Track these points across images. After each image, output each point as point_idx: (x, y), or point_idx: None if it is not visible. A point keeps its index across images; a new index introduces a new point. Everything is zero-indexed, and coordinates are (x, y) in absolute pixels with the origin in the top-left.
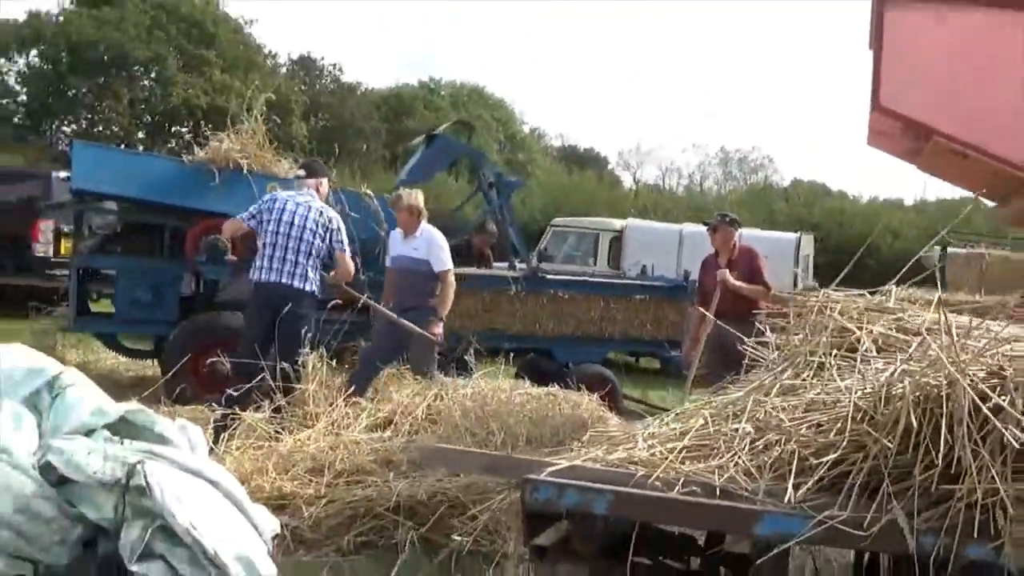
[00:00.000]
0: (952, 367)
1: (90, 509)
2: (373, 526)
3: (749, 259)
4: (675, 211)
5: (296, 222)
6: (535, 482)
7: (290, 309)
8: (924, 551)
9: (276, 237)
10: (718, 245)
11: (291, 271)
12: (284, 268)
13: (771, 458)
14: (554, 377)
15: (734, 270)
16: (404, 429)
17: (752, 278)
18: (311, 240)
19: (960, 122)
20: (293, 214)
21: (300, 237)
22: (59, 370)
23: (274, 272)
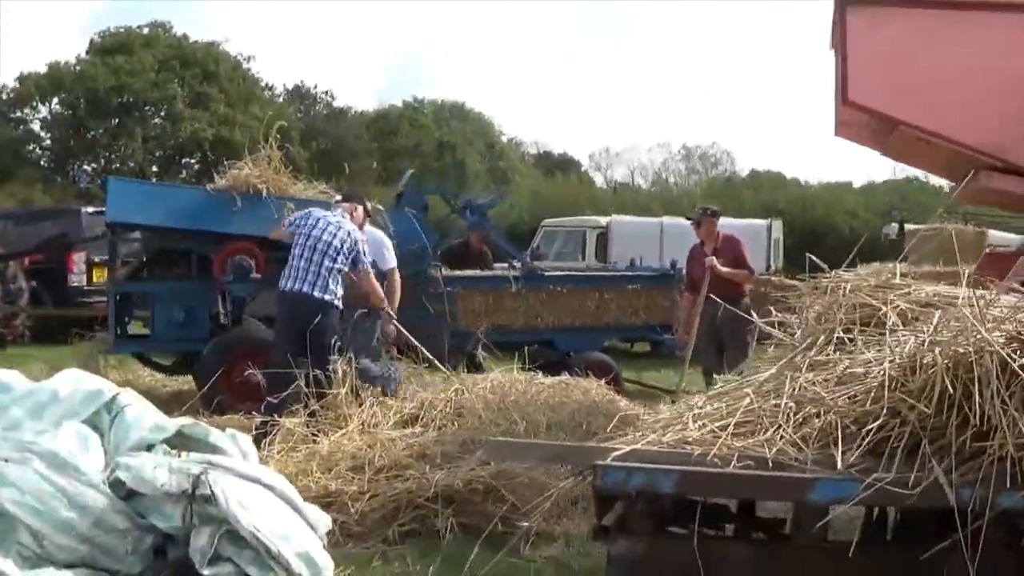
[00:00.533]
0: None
1: (159, 519)
2: (415, 516)
3: (733, 246)
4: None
5: (324, 237)
6: (604, 467)
7: (315, 320)
8: (963, 503)
9: (303, 249)
10: (703, 236)
11: (312, 281)
12: (307, 278)
13: (813, 429)
14: (557, 367)
15: (720, 257)
16: (434, 423)
17: (737, 263)
18: (335, 256)
19: (923, 112)
20: (323, 230)
21: (325, 252)
22: (116, 391)
23: (297, 281)
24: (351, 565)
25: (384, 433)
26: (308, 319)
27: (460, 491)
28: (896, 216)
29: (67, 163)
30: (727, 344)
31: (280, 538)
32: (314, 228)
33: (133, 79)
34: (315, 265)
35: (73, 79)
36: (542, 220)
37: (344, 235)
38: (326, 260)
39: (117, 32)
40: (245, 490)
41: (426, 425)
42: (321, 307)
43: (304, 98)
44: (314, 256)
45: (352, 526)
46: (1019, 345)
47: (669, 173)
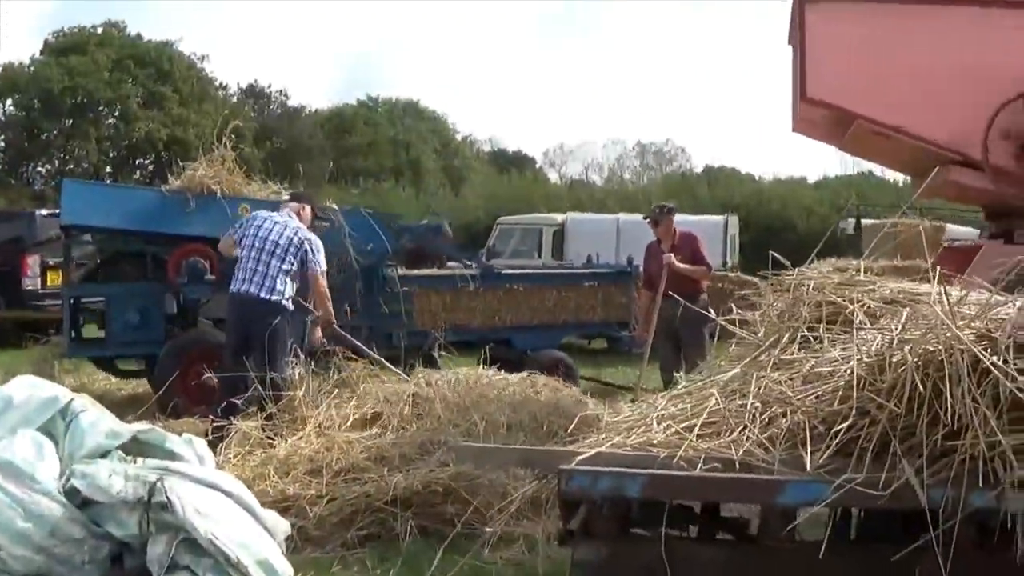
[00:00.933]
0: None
1: (115, 527)
2: (374, 519)
3: (690, 242)
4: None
5: (270, 238)
6: (569, 471)
7: (263, 322)
8: (934, 503)
9: (251, 251)
10: (660, 234)
11: (260, 282)
12: (254, 279)
13: (781, 430)
14: (515, 365)
15: (677, 254)
16: (392, 424)
17: (694, 260)
18: (282, 256)
19: (881, 107)
20: (269, 231)
21: (272, 252)
22: (70, 397)
23: (245, 283)
24: (310, 570)
25: (341, 436)
26: (258, 321)
27: (419, 493)
28: (852, 211)
29: (21, 165)
30: (684, 341)
31: (238, 545)
32: (260, 229)
33: (87, 79)
34: (263, 266)
35: (27, 80)
36: (497, 218)
37: (291, 234)
38: (274, 260)
39: (71, 32)
40: (202, 497)
41: (384, 426)
42: (270, 309)
43: (258, 97)
44: (262, 257)
45: (310, 530)
46: (989, 343)
47: (624, 170)
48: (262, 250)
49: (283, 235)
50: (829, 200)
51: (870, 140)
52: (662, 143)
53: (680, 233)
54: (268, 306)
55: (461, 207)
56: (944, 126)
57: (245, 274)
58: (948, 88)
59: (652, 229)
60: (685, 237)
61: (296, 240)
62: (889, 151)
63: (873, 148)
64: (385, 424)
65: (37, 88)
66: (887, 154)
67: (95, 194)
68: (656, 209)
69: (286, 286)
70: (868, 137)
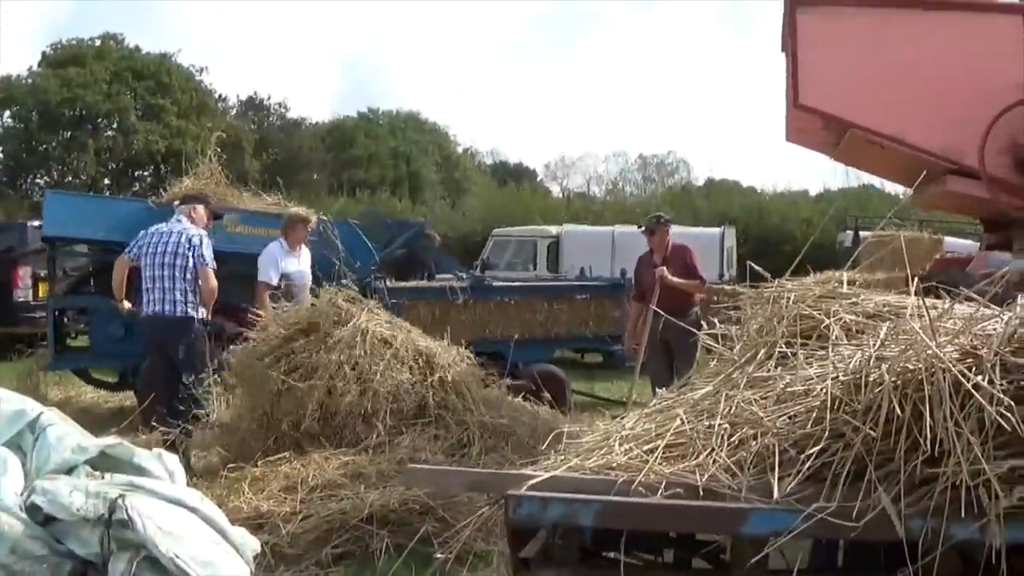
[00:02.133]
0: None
1: (77, 545)
2: (349, 537)
3: (682, 255)
4: (605, 215)
5: (162, 249)
6: (518, 497)
7: (178, 341)
8: (912, 536)
9: (150, 269)
10: (654, 245)
11: (162, 298)
12: (159, 297)
13: (750, 453)
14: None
15: (669, 266)
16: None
17: (687, 273)
18: (181, 264)
19: (876, 115)
20: (159, 243)
21: (170, 264)
22: (39, 410)
23: (153, 303)
24: None
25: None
26: (170, 341)
27: (396, 511)
28: (851, 224)
29: (19, 177)
30: (676, 356)
31: (202, 564)
32: (151, 245)
33: (85, 91)
34: (162, 281)
35: (25, 92)
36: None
37: (176, 239)
38: (166, 272)
39: (69, 44)
40: (167, 513)
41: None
42: (179, 325)
43: (258, 109)
44: (163, 273)
45: (284, 548)
46: (974, 361)
47: (625, 182)
48: (160, 265)
49: (170, 242)
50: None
51: (864, 149)
52: (664, 155)
53: (673, 245)
54: (177, 323)
55: (459, 219)
56: (940, 135)
57: (150, 295)
58: (944, 96)
59: (647, 239)
60: (677, 249)
61: (184, 242)
62: (884, 160)
63: (868, 157)
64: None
65: (35, 100)
66: (882, 164)
67: (78, 206)
68: (653, 219)
69: (188, 295)
70: (862, 146)
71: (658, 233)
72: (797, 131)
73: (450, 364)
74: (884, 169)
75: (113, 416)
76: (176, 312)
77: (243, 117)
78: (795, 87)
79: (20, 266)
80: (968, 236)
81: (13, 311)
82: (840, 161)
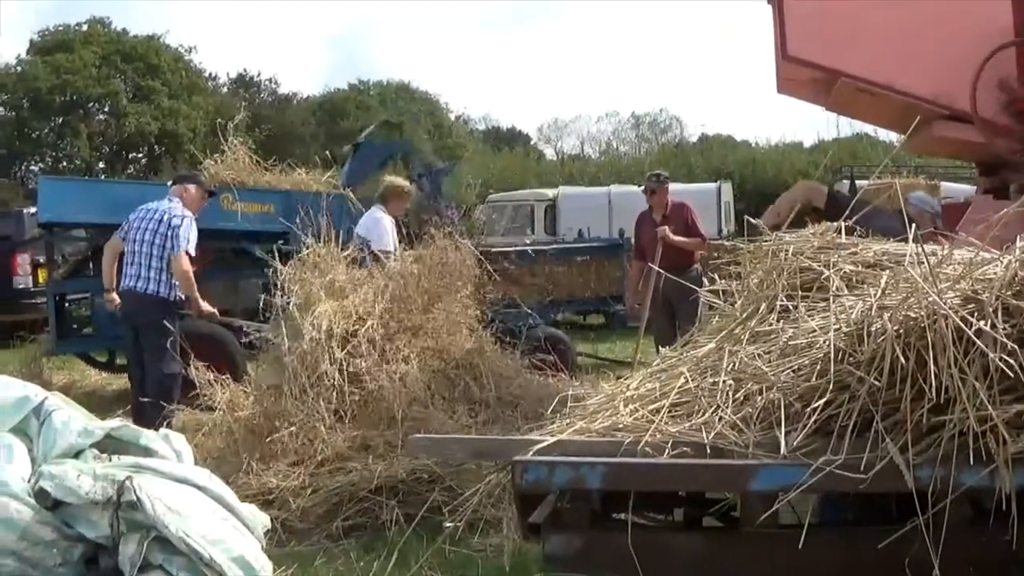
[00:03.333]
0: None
1: (87, 528)
2: (359, 509)
3: (682, 213)
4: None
5: (142, 227)
6: (524, 463)
7: (145, 319)
8: (921, 485)
9: (130, 245)
10: (655, 204)
11: (137, 274)
12: (135, 273)
13: (755, 409)
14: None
15: (669, 224)
16: None
17: (688, 231)
18: (159, 243)
19: (864, 63)
20: (142, 220)
21: (149, 241)
22: (44, 396)
23: (129, 279)
24: (294, 563)
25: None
26: (141, 316)
27: (404, 481)
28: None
29: (13, 164)
30: (679, 315)
31: (212, 542)
32: (136, 222)
33: (75, 76)
34: (140, 257)
35: (14, 80)
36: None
37: (159, 217)
38: (145, 249)
39: (56, 30)
40: (175, 493)
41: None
42: (153, 304)
43: (248, 86)
44: (141, 248)
45: (294, 523)
46: (976, 306)
47: (619, 142)
48: (141, 242)
49: (152, 219)
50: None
51: (855, 98)
52: (656, 113)
53: (672, 203)
54: (148, 300)
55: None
56: (930, 80)
57: (127, 269)
58: (932, 41)
59: (648, 198)
60: (677, 207)
61: (165, 220)
62: (875, 108)
63: (859, 106)
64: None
65: (25, 88)
66: (874, 112)
67: (73, 190)
68: (652, 178)
69: (162, 274)
70: (853, 95)
71: (659, 192)
72: (788, 82)
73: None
74: (876, 117)
75: (118, 398)
76: (147, 289)
77: (234, 94)
78: (783, 38)
79: (18, 253)
80: (964, 181)
81: (13, 298)
82: (832, 111)
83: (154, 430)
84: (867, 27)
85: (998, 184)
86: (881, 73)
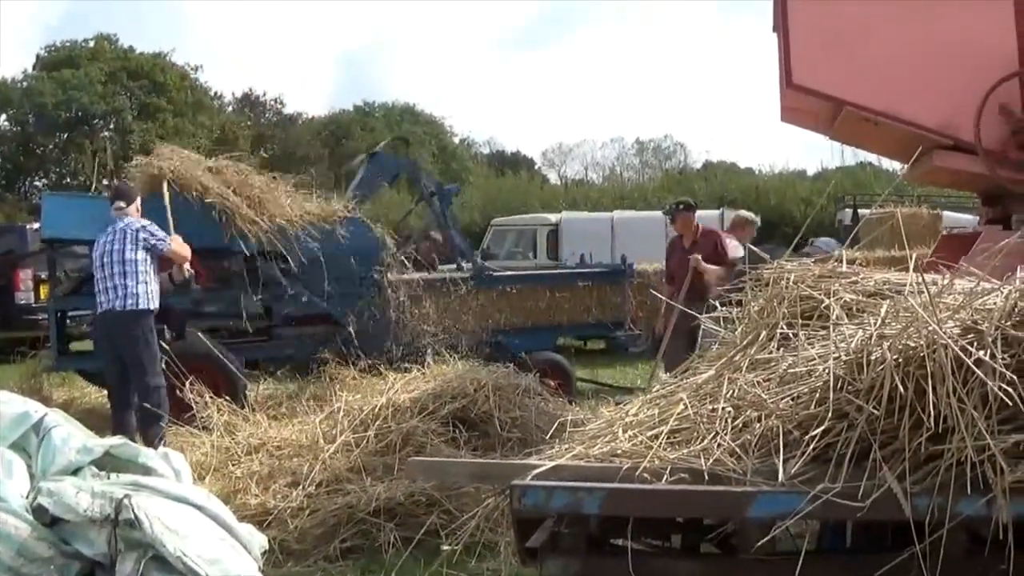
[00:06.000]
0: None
1: (84, 546)
2: (356, 531)
3: (711, 238)
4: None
5: (108, 248)
6: (523, 487)
7: (129, 334)
8: (919, 513)
9: (100, 271)
10: (679, 230)
11: (114, 295)
12: (109, 294)
13: (754, 436)
14: None
15: (700, 251)
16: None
17: (716, 258)
18: (131, 257)
19: (868, 93)
20: (106, 243)
21: (118, 259)
22: (43, 412)
23: (105, 302)
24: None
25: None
26: (123, 334)
27: (402, 504)
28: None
29: (18, 180)
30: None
31: (209, 561)
32: (100, 246)
33: (80, 93)
34: (111, 279)
35: (20, 95)
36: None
37: (121, 234)
38: (116, 267)
39: (63, 46)
40: (173, 512)
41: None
42: (132, 317)
43: (254, 105)
44: (109, 269)
45: (291, 544)
46: (975, 336)
47: (623, 168)
48: (108, 263)
49: (117, 238)
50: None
51: (859, 127)
52: (661, 139)
53: (702, 229)
54: (129, 316)
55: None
56: (934, 110)
57: (102, 295)
58: (937, 70)
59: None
60: (706, 233)
61: (130, 234)
62: (879, 137)
63: (863, 135)
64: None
65: (31, 103)
66: (877, 141)
67: (76, 207)
68: (673, 205)
69: (140, 285)
70: (857, 124)
71: (679, 218)
72: (791, 111)
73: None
74: (880, 146)
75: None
76: (125, 306)
77: (239, 114)
78: (788, 67)
79: (21, 269)
80: (967, 210)
81: (15, 314)
82: (835, 140)
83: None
84: (871, 57)
85: (1000, 215)
86: (885, 102)
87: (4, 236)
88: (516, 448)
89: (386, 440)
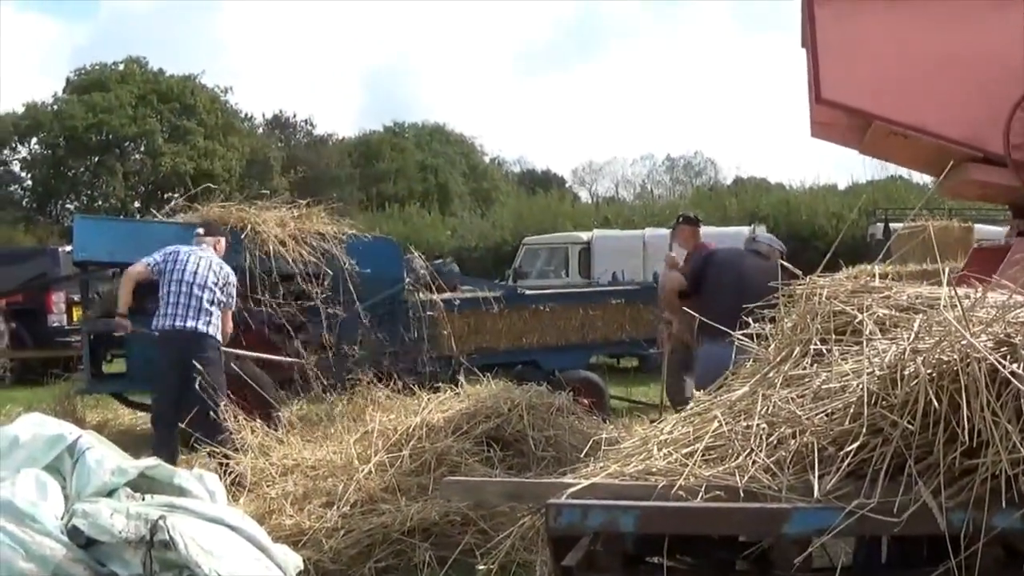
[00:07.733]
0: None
1: (120, 567)
2: (391, 551)
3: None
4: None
5: (200, 271)
6: (558, 506)
7: (204, 356)
8: (954, 528)
9: (180, 286)
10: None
11: (196, 316)
12: (189, 314)
13: (789, 452)
14: None
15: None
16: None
17: None
18: (213, 290)
19: (898, 106)
20: (197, 264)
21: (204, 286)
22: (77, 434)
23: (179, 319)
24: None
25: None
26: (197, 355)
27: (437, 523)
28: (881, 216)
29: (49, 202)
30: None
31: None
32: (187, 264)
33: (111, 116)
34: (195, 300)
35: (51, 118)
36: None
37: (216, 268)
38: (206, 293)
39: (93, 69)
40: (208, 533)
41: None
42: (209, 342)
43: (284, 127)
44: (193, 291)
45: (327, 564)
46: (1009, 349)
47: (654, 185)
48: (192, 284)
49: (210, 268)
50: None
51: (889, 141)
52: (691, 156)
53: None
54: (207, 340)
55: (489, 229)
56: (963, 122)
57: (177, 309)
58: (965, 83)
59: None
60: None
61: (223, 274)
62: (909, 151)
63: (892, 149)
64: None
65: (61, 126)
66: (907, 155)
67: (107, 230)
68: (677, 217)
69: (217, 319)
70: (886, 138)
71: (679, 231)
72: (821, 126)
73: None
74: (910, 160)
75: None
76: (206, 329)
77: (270, 135)
78: (816, 82)
79: (53, 291)
80: (999, 223)
81: (48, 336)
82: (865, 154)
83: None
84: (899, 70)
85: None
86: (914, 116)
87: (36, 259)
88: (551, 467)
89: (420, 460)
